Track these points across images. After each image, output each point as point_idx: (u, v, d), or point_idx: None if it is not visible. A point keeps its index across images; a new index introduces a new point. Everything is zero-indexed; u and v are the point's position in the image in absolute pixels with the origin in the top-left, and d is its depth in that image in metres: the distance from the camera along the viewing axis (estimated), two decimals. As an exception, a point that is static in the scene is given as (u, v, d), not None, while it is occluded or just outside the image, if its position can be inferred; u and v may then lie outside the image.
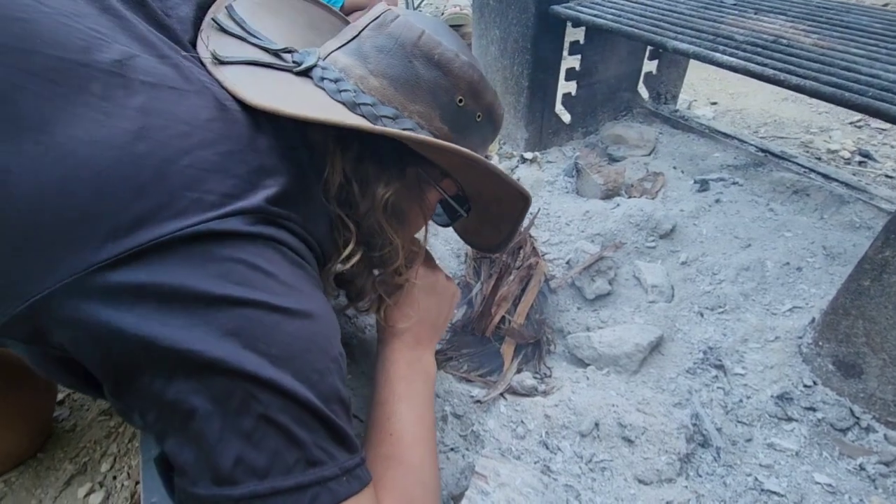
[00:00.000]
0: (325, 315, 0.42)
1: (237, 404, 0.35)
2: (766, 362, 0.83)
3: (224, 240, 0.36)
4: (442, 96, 0.51)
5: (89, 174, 0.33)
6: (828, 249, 1.00)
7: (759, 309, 0.93)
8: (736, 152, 1.32)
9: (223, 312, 0.35)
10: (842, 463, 0.71)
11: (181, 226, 0.34)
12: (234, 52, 0.49)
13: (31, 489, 0.62)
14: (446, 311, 0.70)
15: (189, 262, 0.35)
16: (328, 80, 0.49)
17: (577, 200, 1.24)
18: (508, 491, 0.62)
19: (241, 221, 0.37)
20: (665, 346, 0.88)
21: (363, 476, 0.42)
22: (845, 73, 0.73)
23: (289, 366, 0.37)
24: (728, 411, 0.78)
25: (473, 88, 0.53)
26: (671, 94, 1.55)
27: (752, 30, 0.93)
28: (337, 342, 0.44)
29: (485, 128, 0.58)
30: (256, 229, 0.38)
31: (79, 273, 0.32)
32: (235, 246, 0.37)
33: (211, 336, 0.35)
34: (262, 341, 0.36)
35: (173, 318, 0.34)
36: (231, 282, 0.36)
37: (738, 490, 0.68)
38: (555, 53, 1.24)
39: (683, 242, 1.09)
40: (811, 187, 1.16)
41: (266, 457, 0.36)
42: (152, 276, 0.34)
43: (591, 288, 0.99)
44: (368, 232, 0.53)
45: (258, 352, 0.36)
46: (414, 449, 0.55)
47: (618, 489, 0.67)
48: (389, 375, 0.61)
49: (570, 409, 0.76)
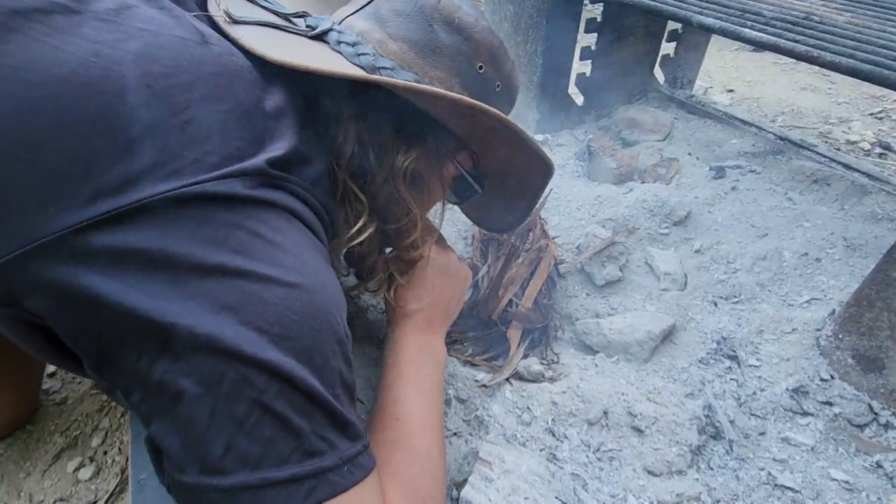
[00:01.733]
0: (332, 291, 0.39)
1: (229, 388, 0.32)
2: (781, 354, 0.80)
3: (222, 203, 0.33)
4: (462, 62, 0.49)
5: (72, 122, 0.30)
6: (848, 241, 0.96)
7: (775, 300, 0.90)
8: (754, 139, 1.28)
9: (218, 283, 0.32)
10: (858, 459, 0.69)
11: (174, 186, 0.31)
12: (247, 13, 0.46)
13: (19, 461, 0.60)
14: (458, 293, 0.67)
15: (181, 226, 0.31)
16: (346, 43, 0.46)
17: (588, 185, 1.20)
18: (513, 478, 0.60)
19: (241, 184, 0.34)
20: (677, 335, 0.85)
21: (366, 463, 0.39)
22: (883, 50, 0.69)
23: (291, 346, 0.34)
24: (741, 403, 0.75)
25: (494, 55, 0.51)
26: (688, 78, 1.50)
27: (780, 6, 0.88)
28: (344, 321, 0.40)
29: (502, 99, 0.55)
30: (259, 193, 0.35)
31: (58, 232, 0.29)
32: (234, 210, 0.33)
33: (203, 310, 0.31)
34: (261, 318, 0.33)
35: (161, 287, 0.31)
36: (228, 249, 0.32)
37: (751, 484, 0.65)
38: (570, 31, 1.19)
39: (698, 230, 1.05)
40: (832, 177, 1.12)
41: (259, 446, 0.33)
42: (140, 241, 0.30)
43: (602, 274, 0.96)
44: (385, 203, 0.50)
45: (257, 329, 0.33)
46: (421, 435, 0.52)
47: (626, 479, 0.65)
48: (398, 359, 0.58)
49: (578, 396, 0.73)
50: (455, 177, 0.59)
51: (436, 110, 0.47)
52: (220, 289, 0.32)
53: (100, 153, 0.30)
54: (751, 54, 2.20)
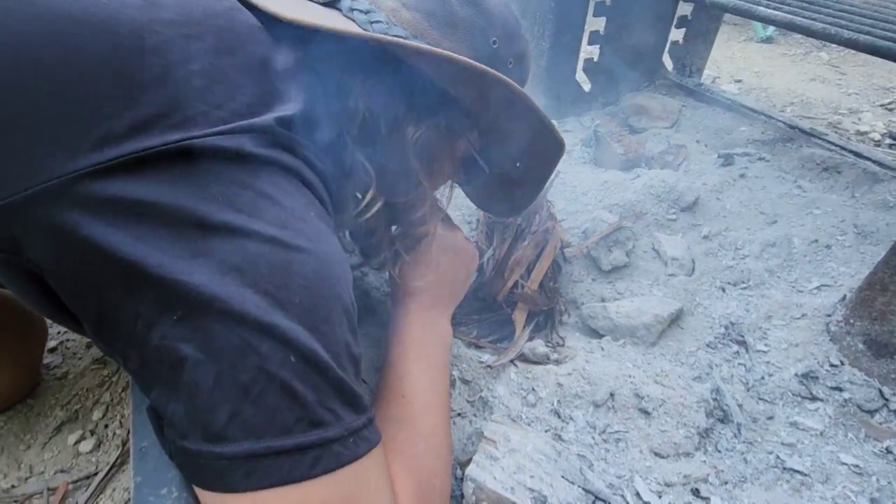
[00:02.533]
0: (339, 259, 0.38)
1: (233, 354, 0.31)
2: (790, 340, 0.79)
3: (230, 159, 0.32)
4: (477, 36, 0.48)
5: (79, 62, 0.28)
6: (859, 228, 0.95)
7: (784, 286, 0.89)
8: (763, 127, 1.26)
9: (225, 243, 0.31)
10: (867, 445, 0.68)
11: (181, 137, 0.30)
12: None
13: (19, 434, 0.59)
14: (465, 273, 0.66)
15: (188, 181, 0.30)
16: (359, 10, 0.45)
17: (594, 170, 1.19)
18: (519, 457, 0.59)
19: (250, 141, 0.32)
20: (684, 319, 0.84)
21: (372, 437, 0.38)
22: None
23: (297, 312, 0.32)
24: (749, 388, 0.74)
25: (509, 31, 0.50)
26: (696, 66, 1.48)
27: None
28: (350, 292, 0.39)
29: (514, 76, 0.53)
30: (268, 152, 0.34)
31: (64, 177, 0.28)
32: (243, 168, 0.32)
33: (208, 269, 0.30)
34: (268, 281, 0.32)
35: (166, 243, 0.29)
36: (236, 209, 0.31)
37: (760, 467, 0.64)
38: (579, 13, 1.18)
39: (706, 216, 1.04)
40: (842, 164, 1.10)
41: (263, 415, 0.31)
42: (145, 193, 0.29)
43: (608, 259, 0.95)
44: (393, 176, 0.48)
45: (263, 293, 0.31)
46: (426, 414, 0.52)
47: (632, 461, 0.64)
48: (402, 336, 0.57)
49: (585, 378, 0.72)
50: (464, 156, 0.57)
51: (447, 80, 0.46)
52: (226, 248, 0.31)
53: (108, 97, 0.29)
54: (759, 45, 2.17)
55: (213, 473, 0.31)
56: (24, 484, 0.54)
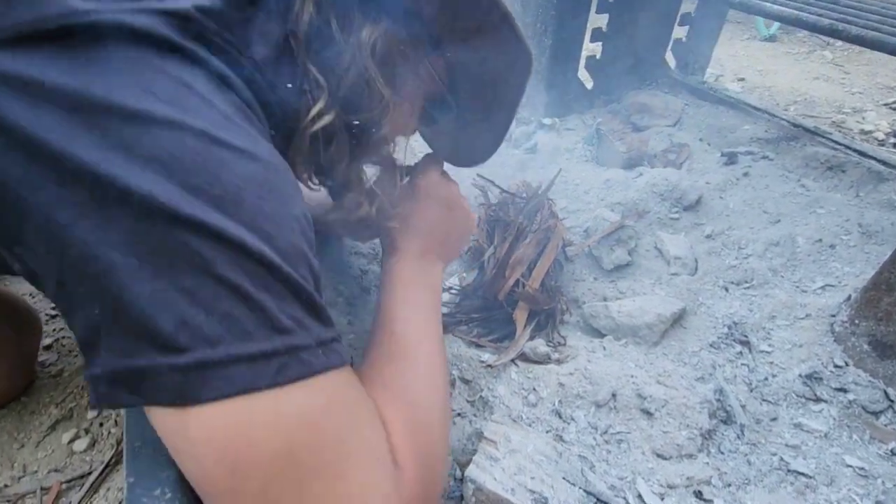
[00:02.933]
0: (279, 166, 0.33)
1: (170, 256, 0.27)
2: (794, 340, 0.78)
3: (141, 42, 0.28)
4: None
5: None
6: (864, 227, 0.94)
7: (788, 285, 0.88)
8: (767, 125, 1.25)
9: (147, 133, 0.27)
10: (872, 447, 0.67)
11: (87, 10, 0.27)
12: None
13: (13, 433, 0.59)
14: (458, 230, 0.61)
15: (99, 64, 0.27)
16: None
17: (596, 169, 1.18)
18: (519, 458, 0.58)
19: (163, 24, 0.29)
20: (687, 319, 0.83)
21: (343, 352, 0.34)
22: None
23: (237, 212, 0.29)
24: (752, 389, 0.73)
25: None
26: (699, 64, 1.47)
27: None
28: (299, 201, 0.34)
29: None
30: (185, 42, 0.30)
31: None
32: (156, 54, 0.29)
33: (128, 161, 0.26)
34: (197, 176, 0.28)
35: (81, 131, 0.26)
36: (153, 97, 0.28)
37: (763, 469, 0.63)
38: (581, 10, 1.17)
39: (709, 215, 1.03)
40: (847, 164, 1.09)
41: (218, 320, 0.28)
42: (58, 77, 0.26)
43: (610, 258, 0.94)
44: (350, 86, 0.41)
45: (194, 190, 0.28)
46: (420, 345, 0.48)
47: (634, 462, 0.63)
48: (393, 282, 0.53)
49: (586, 378, 0.71)
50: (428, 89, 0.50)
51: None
52: (149, 139, 0.27)
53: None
54: (762, 43, 2.16)
55: (168, 388, 0.27)
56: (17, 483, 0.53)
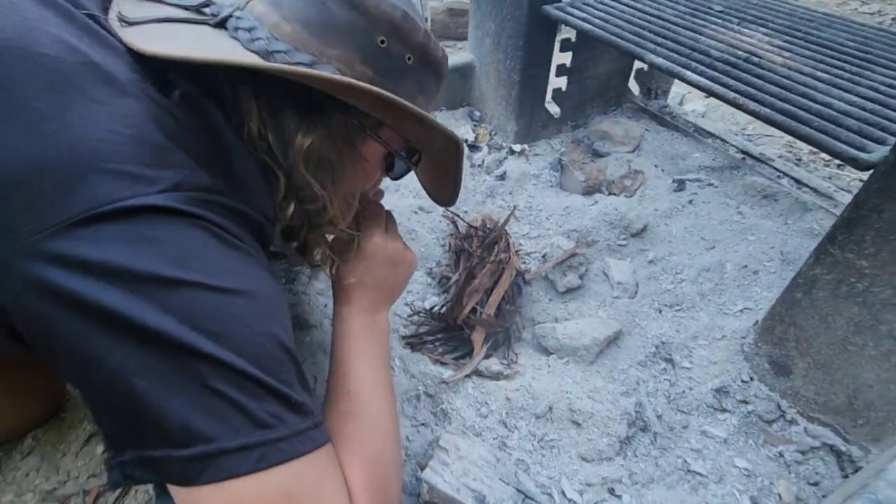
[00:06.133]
0: (263, 291, 0.43)
1: (178, 374, 0.37)
2: (711, 358, 0.92)
3: (151, 216, 0.38)
4: (360, 38, 0.49)
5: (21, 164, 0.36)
6: (784, 255, 1.07)
7: (713, 308, 1.01)
8: (715, 154, 1.37)
9: (161, 291, 0.37)
10: (764, 450, 0.81)
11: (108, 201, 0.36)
12: (149, 12, 0.49)
13: (56, 444, 0.72)
14: (402, 279, 0.71)
15: (122, 240, 0.37)
16: (242, 29, 0.48)
17: (559, 195, 1.31)
18: (466, 463, 0.72)
19: (169, 198, 0.39)
20: (622, 339, 0.97)
21: (318, 438, 0.43)
22: (800, 99, 0.78)
23: (227, 341, 0.39)
24: (671, 401, 0.87)
25: (396, 27, 0.50)
26: (662, 89, 1.59)
27: (728, 44, 0.97)
28: (281, 315, 0.45)
29: (419, 72, 0.54)
30: (185, 208, 0.40)
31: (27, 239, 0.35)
32: (164, 225, 0.39)
33: (150, 310, 0.37)
34: (198, 319, 0.38)
35: (115, 289, 0.36)
36: (164, 262, 0.38)
37: (668, 470, 0.78)
38: (546, 50, 1.28)
39: (653, 241, 1.16)
40: (780, 193, 1.22)
41: (213, 422, 0.37)
42: (91, 252, 0.36)
43: (563, 282, 1.07)
44: (296, 184, 0.52)
45: (196, 329, 0.37)
46: (371, 401, 0.57)
47: (563, 464, 0.77)
48: (346, 335, 0.62)
49: (529, 393, 0.85)
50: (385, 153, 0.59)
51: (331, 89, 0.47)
52: (161, 295, 0.37)
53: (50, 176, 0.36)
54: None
55: (176, 473, 0.38)
56: (64, 487, 0.67)
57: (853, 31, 1.06)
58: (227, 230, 0.44)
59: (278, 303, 0.46)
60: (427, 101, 0.58)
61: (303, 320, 0.94)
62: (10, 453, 0.71)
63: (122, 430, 0.40)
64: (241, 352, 0.40)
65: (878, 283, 0.66)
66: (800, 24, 1.08)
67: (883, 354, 0.69)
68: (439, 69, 0.57)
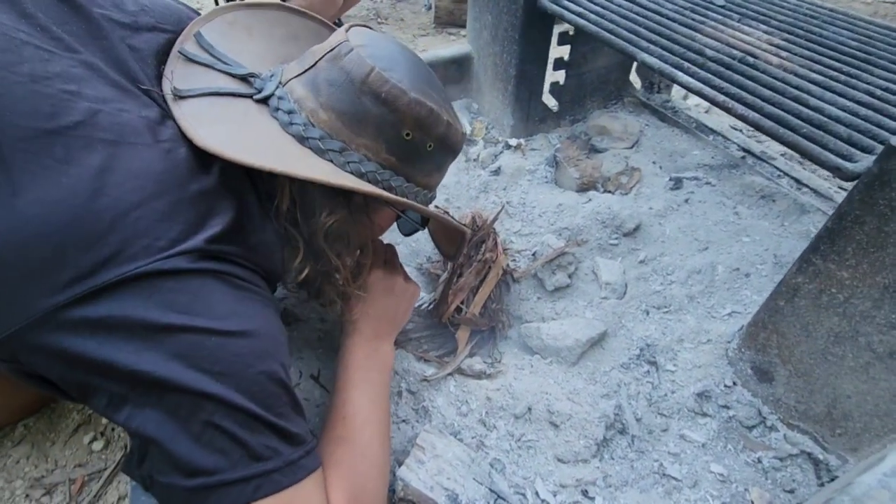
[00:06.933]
0: (266, 332, 0.48)
1: (185, 413, 0.42)
2: (695, 362, 0.92)
3: (168, 276, 0.42)
4: (388, 130, 0.55)
5: (51, 231, 0.39)
6: (778, 258, 1.06)
7: (701, 311, 1.00)
8: (714, 151, 1.35)
9: (169, 338, 0.42)
10: (743, 455, 0.81)
11: (131, 268, 0.41)
12: (199, 81, 0.54)
13: (45, 433, 0.75)
14: (404, 309, 0.77)
15: (137, 296, 0.41)
16: (282, 111, 0.54)
17: (553, 191, 1.29)
18: (441, 462, 0.73)
19: (183, 260, 0.43)
20: (607, 340, 0.97)
21: (309, 465, 0.48)
22: (791, 103, 0.76)
23: (230, 381, 0.43)
24: (652, 403, 0.87)
25: (421, 123, 0.56)
26: (665, 83, 1.55)
27: (725, 43, 0.95)
28: (280, 354, 0.49)
29: (438, 154, 0.62)
30: (197, 265, 0.44)
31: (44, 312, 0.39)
32: (178, 280, 0.43)
33: (159, 358, 0.41)
34: (205, 361, 0.42)
35: (126, 343, 0.40)
36: (174, 311, 0.42)
37: (643, 473, 0.78)
38: (543, 44, 1.26)
39: (646, 241, 1.15)
40: (778, 193, 1.20)
41: (215, 456, 0.42)
42: (107, 311, 0.40)
43: (552, 280, 1.07)
44: (314, 250, 0.59)
45: (201, 370, 0.42)
46: (363, 429, 0.61)
47: (539, 465, 0.78)
48: (347, 365, 0.68)
49: (510, 393, 0.86)
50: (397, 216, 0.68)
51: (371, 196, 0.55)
52: (171, 342, 0.42)
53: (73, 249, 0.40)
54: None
55: (180, 500, 0.43)
56: (51, 475, 0.69)
57: (856, 30, 1.03)
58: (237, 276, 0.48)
59: (278, 339, 0.50)
60: (441, 175, 0.67)
61: (290, 314, 0.96)
62: (2, 441, 0.74)
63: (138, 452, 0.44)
64: (242, 390, 0.44)
65: (857, 295, 0.65)
66: (802, 20, 1.05)
67: (861, 366, 0.68)
68: (456, 149, 0.64)
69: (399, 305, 0.76)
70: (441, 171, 0.66)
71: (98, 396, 0.43)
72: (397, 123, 0.55)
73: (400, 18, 2.70)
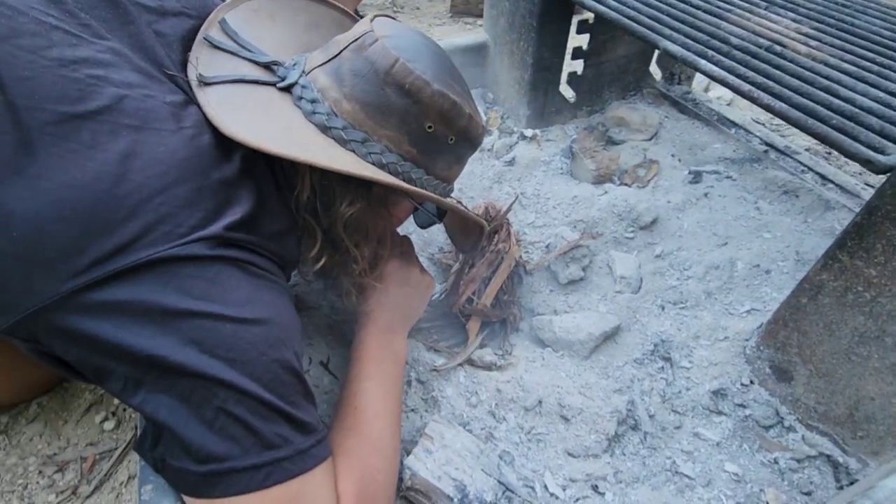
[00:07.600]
0: (280, 320, 0.48)
1: (198, 399, 0.42)
2: (711, 359, 0.90)
3: (186, 262, 0.42)
4: (411, 122, 0.55)
5: (74, 215, 0.40)
6: (800, 255, 1.02)
7: (718, 308, 0.98)
8: (736, 145, 1.31)
9: (185, 323, 0.41)
10: (758, 455, 0.79)
11: (150, 253, 0.41)
12: (223, 68, 0.54)
13: (58, 411, 0.76)
14: (419, 301, 0.76)
15: (155, 281, 0.41)
16: (306, 100, 0.54)
17: (568, 183, 1.27)
18: (449, 452, 0.72)
19: (201, 246, 0.43)
20: (621, 335, 0.95)
21: (319, 454, 0.48)
22: (821, 93, 0.74)
23: (244, 368, 0.43)
24: (665, 400, 0.86)
25: (444, 115, 0.56)
26: (686, 74, 1.52)
27: (752, 31, 0.92)
28: (293, 342, 0.49)
29: (459, 148, 0.61)
30: (215, 252, 0.44)
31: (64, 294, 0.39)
32: (196, 266, 0.43)
33: (174, 343, 0.41)
34: (219, 347, 0.42)
35: (142, 328, 0.40)
36: (191, 297, 0.42)
37: (655, 470, 0.77)
38: (561, 33, 1.23)
39: (663, 235, 1.12)
40: (802, 189, 1.16)
41: (227, 443, 0.42)
42: (125, 294, 0.40)
43: (565, 273, 1.05)
44: (332, 239, 0.58)
45: (216, 357, 0.42)
46: (375, 421, 0.61)
47: (548, 459, 0.77)
48: (361, 355, 0.67)
49: (520, 385, 0.85)
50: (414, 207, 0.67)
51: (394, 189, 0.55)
52: (187, 327, 0.41)
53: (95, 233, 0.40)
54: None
55: (191, 484, 0.43)
56: (64, 452, 0.70)
57: (889, 19, 0.99)
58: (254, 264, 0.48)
59: (293, 328, 0.50)
60: (462, 167, 0.66)
61: (301, 301, 0.95)
62: (17, 418, 0.75)
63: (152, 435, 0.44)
64: (256, 378, 0.44)
65: (885, 294, 0.62)
66: (832, 9, 1.01)
67: (887, 367, 0.66)
68: (476, 143, 0.64)
69: (414, 297, 0.75)
70: (461, 164, 0.65)
71: (113, 380, 0.43)
72: (420, 115, 0.55)
73: (416, 7, 2.67)
